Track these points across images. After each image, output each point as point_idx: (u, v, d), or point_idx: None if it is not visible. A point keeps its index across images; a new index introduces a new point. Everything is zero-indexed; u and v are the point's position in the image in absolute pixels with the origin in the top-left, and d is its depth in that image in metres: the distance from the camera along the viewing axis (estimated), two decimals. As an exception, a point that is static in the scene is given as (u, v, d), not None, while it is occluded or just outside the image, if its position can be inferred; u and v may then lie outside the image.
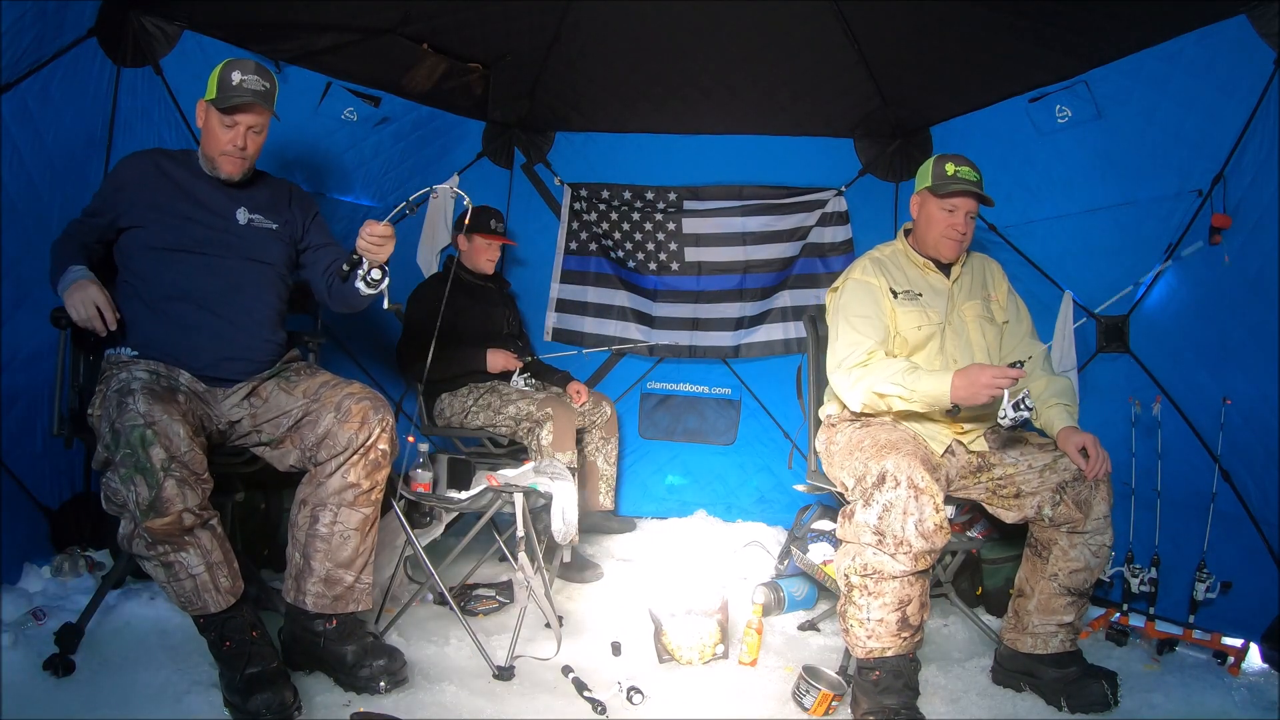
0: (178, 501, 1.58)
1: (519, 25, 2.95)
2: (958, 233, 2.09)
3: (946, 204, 2.08)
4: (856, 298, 2.08)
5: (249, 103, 1.91)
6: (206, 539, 1.64)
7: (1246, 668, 2.12)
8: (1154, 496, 2.36)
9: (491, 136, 3.56)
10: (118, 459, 1.58)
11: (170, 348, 1.87)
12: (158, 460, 1.57)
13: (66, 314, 1.80)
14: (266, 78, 1.95)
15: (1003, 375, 1.76)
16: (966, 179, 2.06)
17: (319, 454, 1.83)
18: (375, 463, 1.84)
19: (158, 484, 1.56)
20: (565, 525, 2.18)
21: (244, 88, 1.90)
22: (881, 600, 1.75)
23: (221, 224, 1.98)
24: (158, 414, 1.61)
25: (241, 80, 1.91)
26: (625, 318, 3.63)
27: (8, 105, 1.98)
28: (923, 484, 1.71)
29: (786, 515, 3.16)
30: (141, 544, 1.60)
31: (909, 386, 1.89)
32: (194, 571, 1.62)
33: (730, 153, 3.52)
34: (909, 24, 2.74)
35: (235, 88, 1.90)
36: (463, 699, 1.81)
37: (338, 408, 1.83)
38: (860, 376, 1.97)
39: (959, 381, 1.81)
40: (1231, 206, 2.21)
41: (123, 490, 1.58)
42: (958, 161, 2.08)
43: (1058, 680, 1.92)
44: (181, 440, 1.61)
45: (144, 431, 1.58)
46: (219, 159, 1.96)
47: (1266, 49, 2.08)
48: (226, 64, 1.94)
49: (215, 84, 1.92)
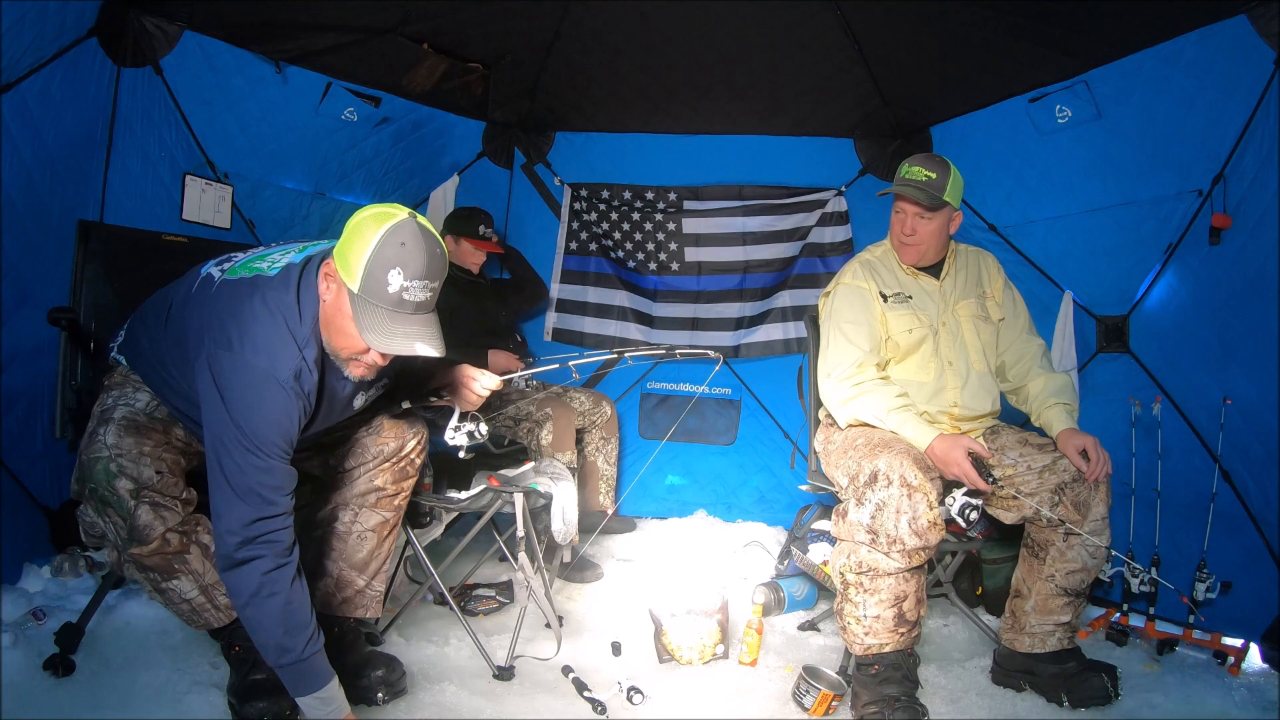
0: (157, 525, 1.51)
1: (519, 25, 2.95)
2: (905, 234, 2.07)
3: (896, 206, 2.07)
4: (847, 303, 2.07)
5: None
6: (197, 560, 1.57)
7: (1246, 668, 2.12)
8: (1154, 496, 2.36)
9: (491, 136, 3.56)
10: (85, 492, 1.53)
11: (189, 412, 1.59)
12: (124, 491, 1.50)
13: (66, 313, 1.77)
14: (436, 278, 1.41)
15: (975, 480, 1.75)
16: (911, 179, 2.02)
17: (346, 462, 1.81)
18: (404, 471, 1.83)
19: (129, 513, 1.50)
20: (565, 525, 2.18)
21: (405, 299, 1.37)
22: (877, 597, 1.75)
23: (338, 416, 1.67)
24: (127, 446, 1.53)
25: (403, 289, 1.36)
26: (625, 318, 3.63)
27: (8, 105, 1.98)
28: (915, 482, 1.71)
29: (786, 515, 3.17)
30: (132, 569, 1.56)
31: (891, 427, 1.89)
32: (188, 596, 1.58)
33: (730, 153, 3.52)
34: (909, 24, 2.74)
35: (393, 298, 1.36)
36: (463, 699, 1.82)
37: (368, 423, 1.81)
38: (849, 398, 1.97)
39: (939, 447, 1.80)
40: (1231, 206, 2.21)
41: (99, 523, 1.54)
42: (915, 161, 2.05)
43: (1057, 675, 1.91)
44: (149, 471, 1.52)
45: (108, 465, 1.51)
46: (350, 365, 1.51)
47: (1266, 49, 2.08)
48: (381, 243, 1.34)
49: (362, 271, 1.35)
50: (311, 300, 1.47)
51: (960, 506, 1.78)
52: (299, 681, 1.44)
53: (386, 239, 1.34)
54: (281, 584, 1.40)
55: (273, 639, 1.40)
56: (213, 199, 2.63)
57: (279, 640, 1.40)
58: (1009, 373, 2.18)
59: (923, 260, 2.11)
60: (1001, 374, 2.19)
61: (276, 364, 1.42)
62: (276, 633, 1.40)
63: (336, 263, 1.41)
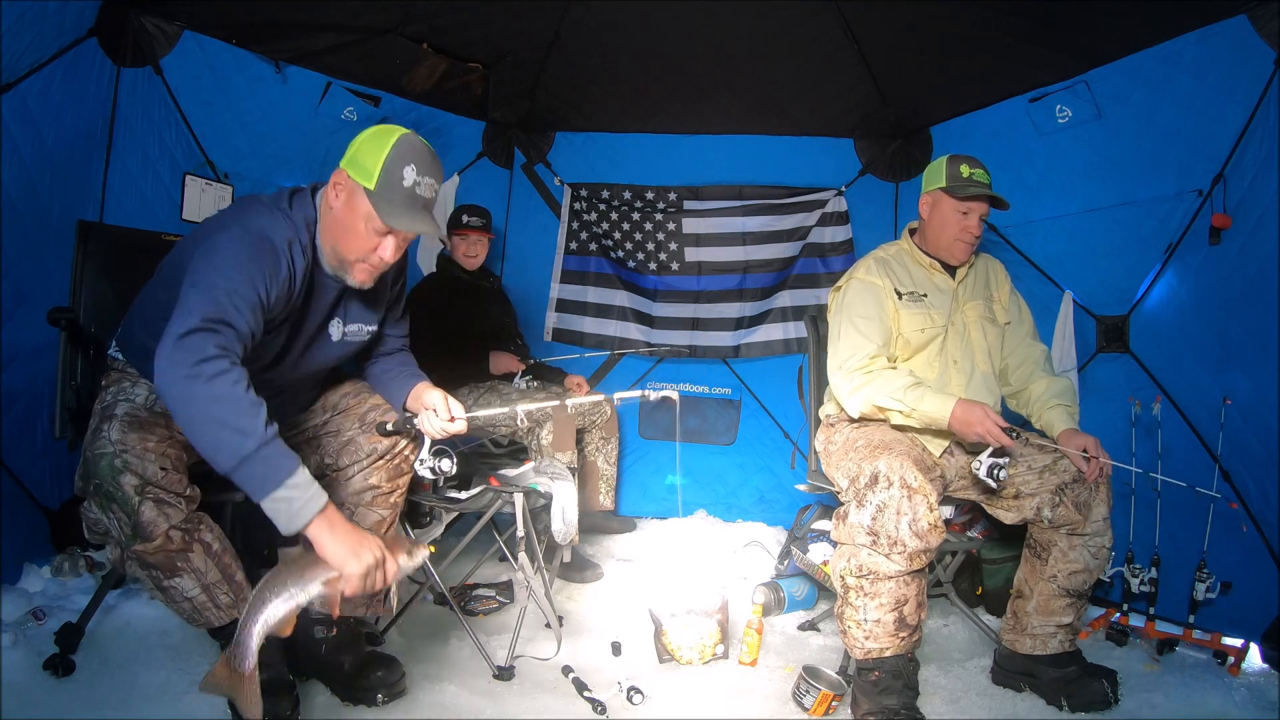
0: (161, 522, 1.49)
1: (519, 25, 2.96)
2: (972, 236, 2.07)
3: (962, 206, 2.05)
4: (860, 298, 2.07)
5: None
6: (199, 559, 1.55)
7: (1246, 668, 2.12)
8: (1154, 496, 2.36)
9: (491, 136, 3.56)
10: (90, 489, 1.52)
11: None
12: (130, 487, 1.48)
13: (65, 313, 1.77)
14: (440, 173, 1.58)
15: (999, 435, 1.76)
16: (982, 182, 2.04)
17: (340, 460, 1.81)
18: (399, 468, 1.83)
19: (134, 510, 1.48)
20: (565, 525, 2.17)
21: (416, 196, 1.52)
22: (878, 601, 1.75)
23: (307, 338, 1.66)
24: (131, 442, 1.52)
25: (415, 184, 1.51)
26: (625, 318, 3.63)
27: (8, 105, 1.98)
28: (915, 484, 1.71)
29: (786, 515, 3.16)
30: (134, 566, 1.55)
31: (910, 404, 1.89)
32: (190, 595, 1.56)
33: (730, 153, 3.52)
34: (909, 24, 2.74)
35: (406, 193, 1.50)
36: (463, 699, 1.82)
37: (362, 419, 1.81)
38: (861, 384, 1.96)
39: (960, 411, 1.81)
40: (1231, 206, 2.21)
41: (103, 519, 1.52)
42: (972, 164, 2.06)
43: (1057, 680, 1.91)
44: (153, 467, 1.50)
45: (113, 460, 1.49)
46: (355, 266, 1.58)
47: (1266, 49, 2.08)
48: (397, 147, 1.51)
49: (378, 172, 1.49)
50: (303, 207, 1.58)
51: (988, 467, 1.79)
52: (268, 472, 1.31)
53: (400, 143, 1.51)
54: (230, 366, 1.32)
55: (230, 421, 1.29)
56: (213, 199, 2.63)
57: (236, 424, 1.29)
58: (1011, 376, 2.19)
59: (968, 257, 2.13)
60: (1004, 378, 2.20)
61: (273, 231, 1.49)
62: (233, 414, 1.29)
63: (348, 170, 1.53)
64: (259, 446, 1.29)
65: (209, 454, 1.32)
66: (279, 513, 1.32)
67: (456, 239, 3.03)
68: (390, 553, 1.40)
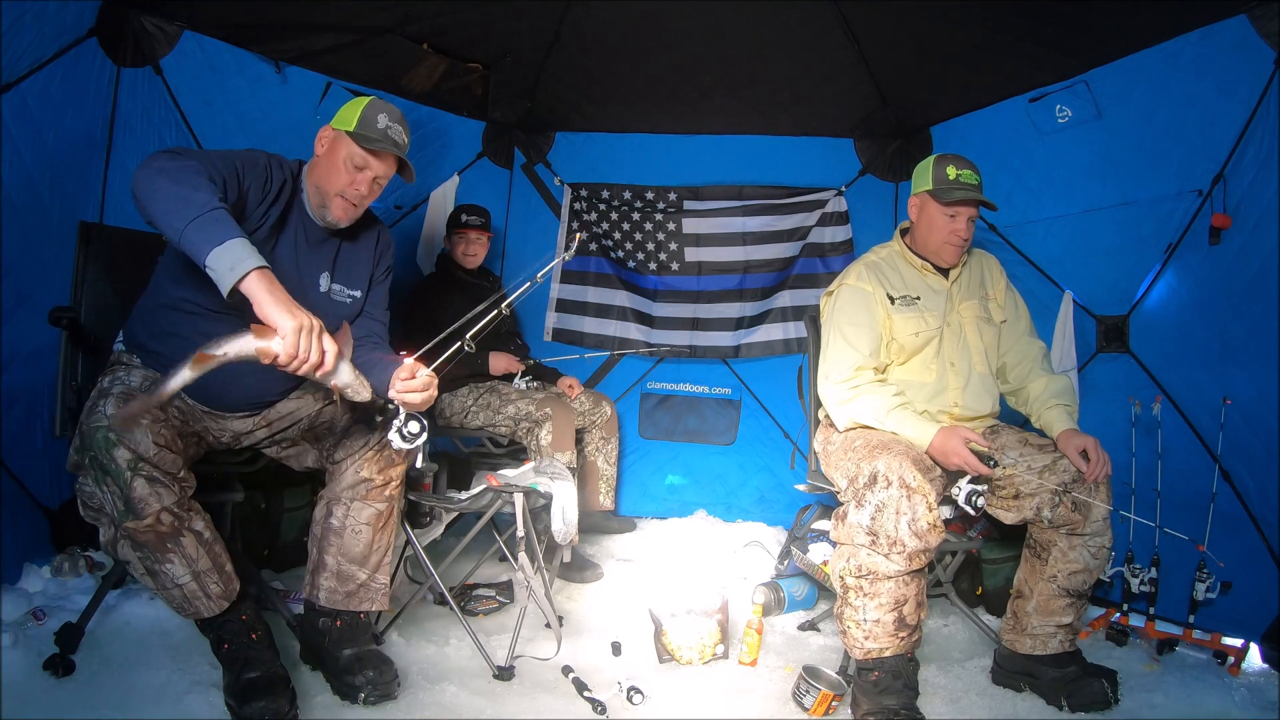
0: (153, 501, 1.51)
1: (519, 25, 2.96)
2: (960, 239, 2.06)
3: (949, 210, 2.05)
4: (849, 305, 2.06)
5: (388, 152, 1.75)
6: (190, 546, 1.57)
7: (1246, 668, 2.12)
8: (1154, 496, 2.36)
9: (491, 136, 3.56)
10: (85, 461, 1.53)
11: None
12: (123, 461, 1.50)
13: (67, 313, 1.79)
14: (407, 131, 1.81)
15: (977, 466, 1.77)
16: (969, 184, 2.03)
17: (336, 453, 1.84)
18: (389, 458, 1.83)
19: (126, 483, 1.49)
20: (565, 525, 2.18)
21: (389, 136, 1.74)
22: (877, 601, 1.75)
23: (299, 283, 1.75)
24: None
25: (387, 127, 1.74)
26: (625, 318, 3.63)
27: (8, 105, 1.98)
28: (914, 483, 1.71)
29: (786, 515, 3.17)
30: (126, 547, 1.55)
31: (891, 428, 1.90)
32: (180, 581, 1.57)
33: (730, 153, 3.52)
34: (909, 24, 2.74)
35: (380, 131, 1.73)
36: (463, 699, 1.82)
37: (354, 408, 1.83)
38: (847, 399, 1.97)
39: (939, 441, 1.81)
40: (1231, 206, 2.21)
41: (98, 494, 1.53)
42: (959, 164, 2.04)
43: (1057, 680, 1.91)
44: (146, 442, 1.52)
45: (107, 434, 1.50)
46: (334, 200, 1.75)
47: (1266, 49, 2.08)
48: (372, 102, 1.77)
49: (357, 118, 1.74)
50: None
51: (967, 494, 1.80)
52: (213, 233, 1.34)
53: (373, 101, 1.79)
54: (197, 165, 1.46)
55: (186, 185, 1.38)
56: (213, 199, 2.62)
57: (192, 192, 1.37)
58: (1009, 375, 2.18)
59: (958, 260, 2.12)
60: (1002, 376, 2.20)
61: (253, 152, 1.73)
62: (189, 185, 1.38)
63: (332, 124, 1.79)
64: (208, 210, 1.36)
65: (163, 217, 1.37)
66: (220, 269, 1.33)
67: (456, 238, 3.03)
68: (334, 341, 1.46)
